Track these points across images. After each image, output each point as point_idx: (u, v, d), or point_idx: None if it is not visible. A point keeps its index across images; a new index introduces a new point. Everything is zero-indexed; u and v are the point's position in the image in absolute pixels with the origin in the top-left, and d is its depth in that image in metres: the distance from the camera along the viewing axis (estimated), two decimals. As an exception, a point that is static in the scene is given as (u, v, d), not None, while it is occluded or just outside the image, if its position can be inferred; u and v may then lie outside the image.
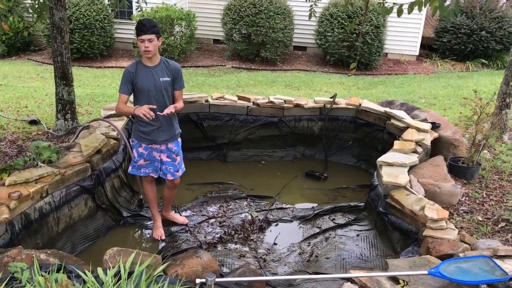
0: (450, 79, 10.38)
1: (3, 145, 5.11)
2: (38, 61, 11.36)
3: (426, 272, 2.80)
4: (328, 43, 11.22)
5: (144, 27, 3.66)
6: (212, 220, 4.59)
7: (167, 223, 4.47)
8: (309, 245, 4.23)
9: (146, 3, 5.93)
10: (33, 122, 5.88)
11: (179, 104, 3.94)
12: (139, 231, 4.47)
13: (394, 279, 2.89)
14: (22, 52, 12.05)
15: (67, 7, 10.29)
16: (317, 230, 4.46)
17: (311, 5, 4.26)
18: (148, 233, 4.39)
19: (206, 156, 5.94)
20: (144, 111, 3.62)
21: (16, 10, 5.10)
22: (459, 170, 4.67)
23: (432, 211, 3.59)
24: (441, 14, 2.89)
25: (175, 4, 11.38)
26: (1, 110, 6.41)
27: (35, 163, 3.97)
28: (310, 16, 4.28)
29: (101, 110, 5.56)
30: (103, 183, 4.35)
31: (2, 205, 3.34)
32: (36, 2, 4.84)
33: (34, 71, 10.43)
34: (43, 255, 2.90)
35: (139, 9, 5.84)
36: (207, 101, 5.79)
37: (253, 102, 5.85)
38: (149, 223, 4.49)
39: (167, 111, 3.77)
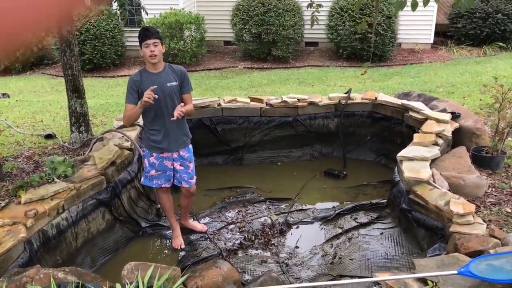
0: (467, 65, 10.12)
1: (20, 161, 5.12)
2: (52, 75, 11.45)
3: (455, 272, 2.67)
4: (340, 37, 11.06)
5: (148, 31, 3.63)
6: (231, 226, 4.51)
7: (186, 231, 4.41)
8: (331, 247, 4.13)
9: (147, 13, 5.89)
10: (49, 136, 5.88)
11: (188, 106, 3.87)
12: (159, 241, 4.43)
13: (422, 280, 2.77)
14: (36, 66, 12.17)
15: (75, 19, 10.36)
16: (339, 231, 4.35)
17: (312, 12, 4.12)
18: (168, 243, 4.34)
19: (221, 161, 5.87)
20: (147, 95, 3.50)
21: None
22: (483, 160, 4.50)
23: (458, 205, 3.45)
24: (462, 3, 2.71)
25: (183, 9, 11.35)
26: (17, 126, 6.44)
27: (51, 178, 3.95)
28: (312, 24, 4.14)
29: (113, 121, 5.53)
30: (119, 195, 4.31)
31: (19, 224, 3.32)
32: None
33: (48, 84, 10.51)
34: (60, 274, 2.86)
35: (141, 22, 5.81)
36: (219, 105, 5.71)
37: (266, 103, 5.76)
38: (168, 232, 4.44)
39: (176, 112, 3.65)
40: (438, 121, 4.87)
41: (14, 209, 3.50)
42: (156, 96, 3.57)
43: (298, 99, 5.71)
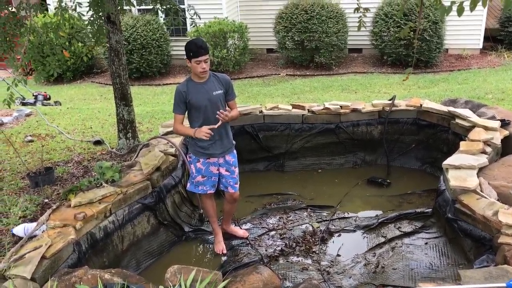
0: (519, 71, 9.74)
1: (70, 166, 5.34)
2: (101, 83, 11.88)
3: (504, 284, 2.58)
4: (385, 43, 10.91)
5: (202, 49, 3.70)
6: (272, 233, 4.53)
7: (228, 236, 4.47)
8: (374, 256, 4.07)
9: (199, 17, 5.97)
10: (97, 143, 6.10)
11: (234, 112, 3.98)
12: (201, 246, 4.50)
13: (468, 292, 2.69)
14: (86, 75, 12.67)
15: (124, 29, 10.72)
16: (382, 240, 4.28)
17: (360, 17, 4.11)
18: (210, 247, 4.41)
19: (263, 167, 5.90)
20: (204, 133, 3.72)
21: (77, 36, 5.34)
22: (535, 169, 4.32)
23: (507, 216, 3.33)
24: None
25: (226, 17, 11.52)
26: (68, 132, 6.71)
27: (99, 183, 4.10)
28: (359, 28, 4.12)
29: (159, 127, 5.68)
30: (164, 199, 4.41)
31: (68, 226, 3.48)
32: (94, 28, 5.04)
33: (97, 92, 10.92)
34: (107, 275, 2.96)
35: (193, 25, 5.92)
36: (261, 112, 5.76)
37: (308, 109, 5.76)
38: (210, 237, 4.51)
39: (223, 116, 3.77)
40: (486, 128, 4.72)
41: (64, 212, 3.66)
42: (212, 134, 3.77)
43: (340, 106, 5.68)
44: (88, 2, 4.91)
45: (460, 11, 2.69)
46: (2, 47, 4.67)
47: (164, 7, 5.65)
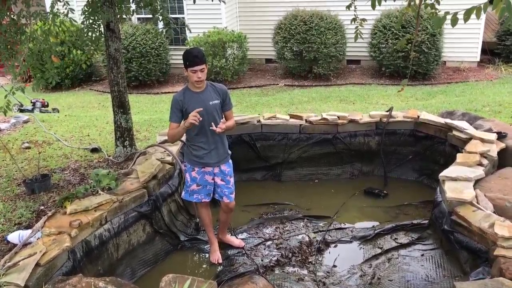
0: (516, 84, 9.80)
1: (66, 173, 5.32)
2: (99, 91, 11.89)
3: (499, 297, 2.57)
4: (383, 54, 10.96)
5: (197, 58, 3.70)
6: (268, 242, 4.51)
7: (224, 246, 4.45)
8: (370, 267, 4.05)
9: (190, 31, 6.00)
10: (95, 150, 6.09)
11: (230, 122, 3.97)
12: (197, 255, 4.48)
13: (464, 305, 2.68)
14: (84, 83, 12.69)
15: (123, 37, 10.76)
16: (379, 251, 4.27)
17: (356, 27, 4.14)
18: (206, 257, 4.39)
19: (260, 177, 5.90)
20: (192, 118, 3.64)
21: (76, 43, 5.36)
22: (532, 182, 4.32)
23: (503, 228, 3.33)
24: (510, 16, 2.63)
25: (226, 27, 11.58)
26: (65, 139, 6.71)
27: (96, 190, 4.09)
28: (356, 38, 4.15)
29: (156, 136, 5.68)
30: (160, 208, 4.40)
31: (64, 234, 3.46)
32: (91, 36, 5.06)
33: (95, 100, 10.92)
34: (101, 283, 2.94)
35: (185, 39, 5.97)
36: (259, 121, 5.77)
37: (305, 120, 5.77)
38: (206, 246, 4.49)
39: (220, 126, 3.78)
40: (483, 140, 4.74)
41: (60, 219, 3.65)
42: (201, 118, 3.69)
43: (338, 117, 5.69)
44: (86, 10, 4.93)
45: (454, 22, 2.70)
46: (4, 55, 4.69)
47: (161, 17, 5.68)
